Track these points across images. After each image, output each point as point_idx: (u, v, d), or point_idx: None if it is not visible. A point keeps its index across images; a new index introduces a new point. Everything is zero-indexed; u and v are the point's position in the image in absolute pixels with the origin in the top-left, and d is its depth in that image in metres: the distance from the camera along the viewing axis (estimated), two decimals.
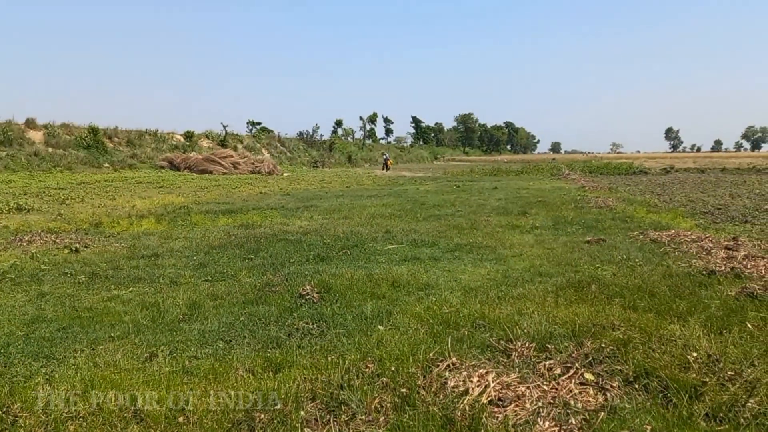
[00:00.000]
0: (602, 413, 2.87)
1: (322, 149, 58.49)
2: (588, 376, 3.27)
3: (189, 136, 41.56)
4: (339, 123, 78.54)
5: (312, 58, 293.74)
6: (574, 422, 2.81)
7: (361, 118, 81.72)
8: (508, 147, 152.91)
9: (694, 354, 3.45)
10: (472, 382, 3.18)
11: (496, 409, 2.94)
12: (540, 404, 2.96)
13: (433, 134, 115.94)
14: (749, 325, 4.01)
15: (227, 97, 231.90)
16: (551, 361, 3.46)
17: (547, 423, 2.81)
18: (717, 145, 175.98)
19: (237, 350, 3.89)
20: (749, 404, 2.87)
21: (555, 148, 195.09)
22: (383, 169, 41.31)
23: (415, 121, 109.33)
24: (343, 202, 14.79)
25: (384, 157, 45.73)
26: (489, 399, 3.02)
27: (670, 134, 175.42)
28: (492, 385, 3.14)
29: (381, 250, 7.61)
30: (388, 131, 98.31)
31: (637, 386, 3.16)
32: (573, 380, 3.22)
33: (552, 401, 3.00)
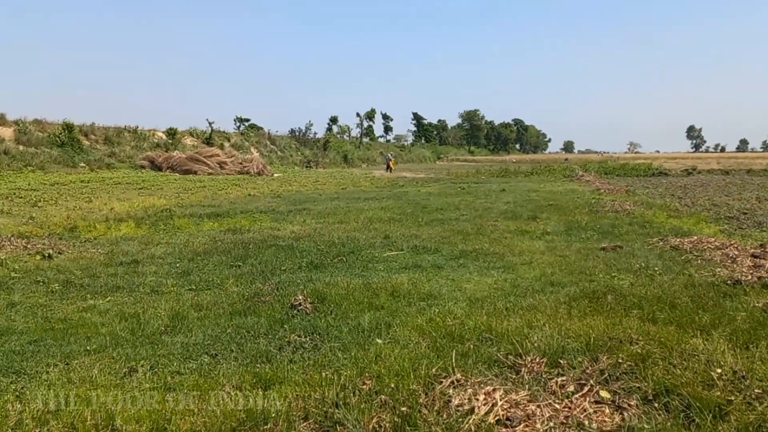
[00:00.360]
0: None
1: (316, 148, 58.57)
2: (603, 393, 3.27)
3: (172, 133, 41.58)
4: (334, 120, 78.80)
5: (305, 52, 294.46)
6: None
7: (358, 115, 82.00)
8: (517, 146, 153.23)
9: (719, 370, 3.46)
10: (478, 400, 3.18)
11: (504, 430, 2.94)
12: (552, 424, 2.96)
13: (435, 132, 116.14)
14: None
15: (213, 92, 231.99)
16: (564, 378, 3.45)
17: None
18: (743, 145, 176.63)
19: (223, 365, 3.89)
20: None
21: (567, 147, 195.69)
22: (386, 171, 41.30)
23: (417, 117, 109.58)
24: (338, 205, 14.80)
25: (386, 157, 45.75)
26: (496, 418, 3.02)
27: (692, 133, 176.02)
28: (500, 403, 3.14)
29: (379, 257, 7.61)
30: (387, 129, 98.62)
31: (656, 405, 3.16)
32: (587, 398, 3.22)
33: (564, 421, 3.00)
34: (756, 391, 3.20)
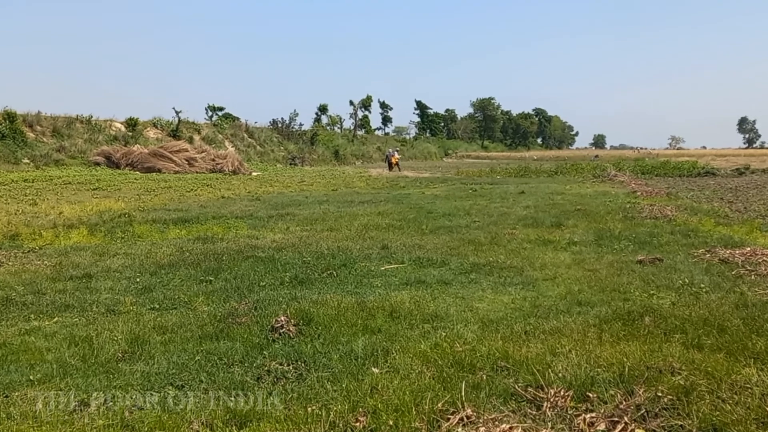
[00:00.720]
0: None
1: (302, 142, 58.68)
2: None
3: (132, 124, 41.65)
4: (323, 109, 78.94)
5: (288, 30, 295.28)
6: None
7: (351, 103, 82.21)
8: (539, 140, 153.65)
9: None
10: None
11: None
12: None
13: (442, 124, 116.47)
14: None
15: (181, 75, 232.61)
16: (593, 414, 3.46)
17: None
18: None
19: (191, 398, 3.88)
20: None
21: (598, 142, 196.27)
22: (388, 169, 41.72)
23: (421, 107, 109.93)
24: (327, 210, 14.82)
25: (387, 153, 46.14)
26: None
27: (745, 126, 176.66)
28: None
29: (376, 271, 7.62)
30: (386, 120, 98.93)
31: None
32: None
33: None
34: None
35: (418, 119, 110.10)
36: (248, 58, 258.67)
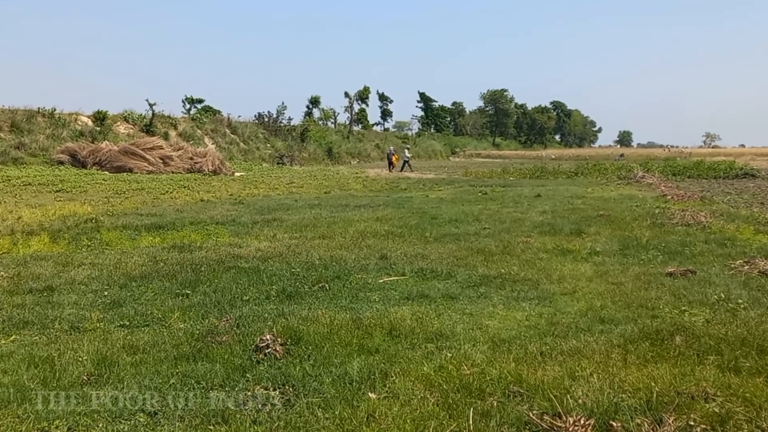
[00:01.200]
0: None
1: (291, 138, 58.73)
2: None
3: (100, 118, 41.63)
4: (315, 101, 79.06)
5: (276, 11, 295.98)
6: None
7: (346, 95, 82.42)
8: (557, 137, 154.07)
9: None
10: None
11: None
12: None
13: (449, 118, 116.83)
14: None
15: (155, 63, 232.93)
16: None
17: None
18: None
19: (165, 427, 3.88)
20: None
21: (623, 139, 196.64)
22: (389, 168, 42.85)
23: (424, 99, 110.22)
24: (319, 215, 14.82)
25: (389, 151, 46.35)
26: None
27: None
28: None
29: (374, 284, 7.62)
30: (386, 113, 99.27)
31: None
32: None
33: None
34: None
35: (422, 113, 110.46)
36: (231, 44, 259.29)
